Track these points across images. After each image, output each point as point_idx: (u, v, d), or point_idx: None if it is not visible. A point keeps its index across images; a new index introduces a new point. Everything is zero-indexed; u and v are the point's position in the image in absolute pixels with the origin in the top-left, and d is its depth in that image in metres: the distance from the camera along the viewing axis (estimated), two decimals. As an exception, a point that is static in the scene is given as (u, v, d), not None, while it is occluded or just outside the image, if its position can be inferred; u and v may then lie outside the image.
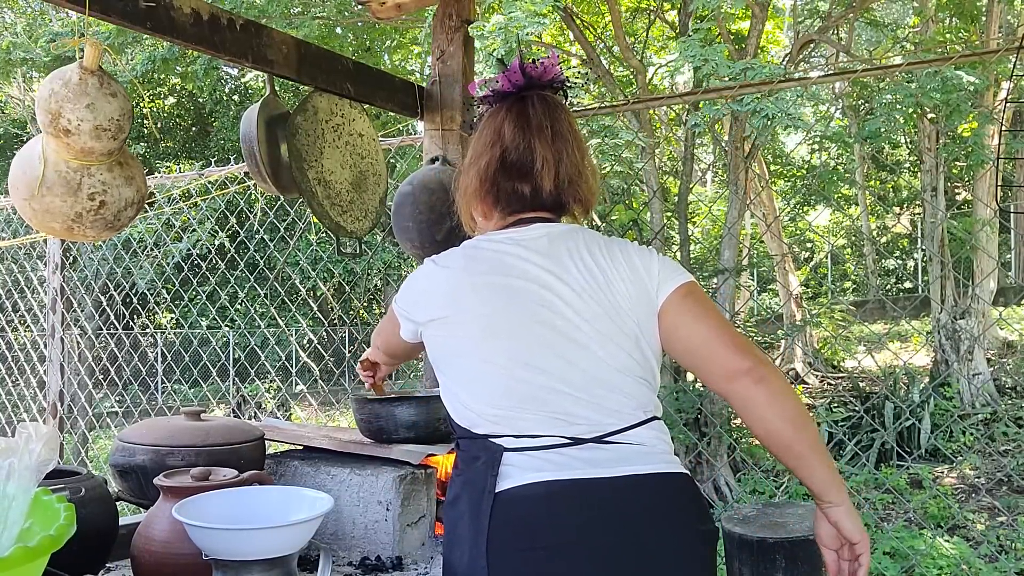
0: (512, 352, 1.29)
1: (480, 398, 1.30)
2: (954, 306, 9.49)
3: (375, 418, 2.08)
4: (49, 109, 1.72)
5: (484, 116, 1.49)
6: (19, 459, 0.94)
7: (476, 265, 1.37)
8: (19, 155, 1.84)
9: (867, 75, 5.05)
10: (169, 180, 5.19)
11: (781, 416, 1.26)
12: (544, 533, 1.19)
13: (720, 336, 1.30)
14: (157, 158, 13.80)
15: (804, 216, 17.25)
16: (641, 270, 1.36)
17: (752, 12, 8.39)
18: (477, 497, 1.25)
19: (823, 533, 1.35)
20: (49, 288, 5.06)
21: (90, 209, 1.81)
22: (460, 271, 1.37)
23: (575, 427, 1.26)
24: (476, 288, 1.34)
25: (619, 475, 1.23)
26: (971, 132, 8.45)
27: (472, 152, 1.49)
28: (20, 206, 1.82)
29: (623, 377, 1.31)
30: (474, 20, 2.72)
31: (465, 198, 1.49)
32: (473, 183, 1.46)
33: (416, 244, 2.52)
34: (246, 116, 2.32)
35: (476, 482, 1.26)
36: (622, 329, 1.32)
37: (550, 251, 1.36)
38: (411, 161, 8.41)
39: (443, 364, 1.37)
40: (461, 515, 1.27)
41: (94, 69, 1.76)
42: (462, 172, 1.51)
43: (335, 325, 12.55)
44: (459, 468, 1.34)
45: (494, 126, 1.44)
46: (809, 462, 1.29)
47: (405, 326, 1.46)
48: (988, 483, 6.82)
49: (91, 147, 1.76)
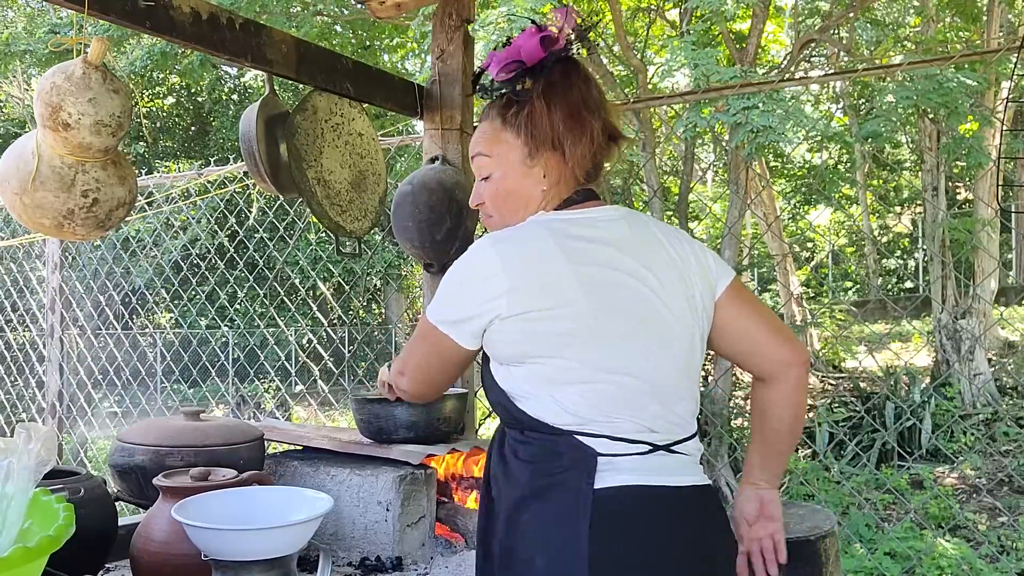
0: (617, 355, 1.26)
1: (577, 397, 1.25)
2: (955, 306, 9.49)
3: (375, 418, 2.07)
4: (50, 102, 1.72)
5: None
6: (17, 459, 0.94)
7: (575, 254, 1.27)
8: (10, 150, 1.83)
9: (867, 75, 5.05)
10: (168, 179, 5.19)
11: (803, 403, 1.42)
12: (642, 537, 1.22)
13: (779, 325, 1.42)
14: (156, 157, 13.80)
15: (805, 216, 17.23)
16: (704, 263, 1.37)
17: (752, 12, 8.38)
18: (571, 495, 1.22)
19: (750, 509, 1.47)
20: (48, 288, 5.05)
21: (82, 206, 1.80)
22: (560, 260, 1.26)
23: (654, 434, 1.28)
24: (580, 280, 1.25)
25: (682, 485, 1.28)
26: (971, 132, 8.45)
27: (591, 102, 1.37)
28: (10, 201, 1.80)
29: (688, 381, 1.33)
30: (474, 20, 2.72)
31: (552, 150, 1.36)
32: (587, 140, 1.35)
33: (416, 244, 2.51)
34: (245, 115, 2.32)
35: (569, 481, 1.23)
36: (696, 326, 1.34)
37: (633, 239, 1.33)
38: (411, 161, 8.40)
39: (525, 358, 1.28)
40: (546, 509, 1.24)
41: (98, 64, 1.76)
42: (551, 111, 1.35)
43: (334, 325, 12.54)
44: (535, 462, 1.28)
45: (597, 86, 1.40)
46: (790, 448, 1.48)
47: (464, 333, 1.31)
48: (989, 483, 6.81)
49: (89, 142, 1.75)
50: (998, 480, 6.88)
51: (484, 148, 1.42)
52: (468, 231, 2.55)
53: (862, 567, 4.58)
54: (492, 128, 1.43)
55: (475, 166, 1.46)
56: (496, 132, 1.42)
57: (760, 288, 17.64)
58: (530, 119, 1.36)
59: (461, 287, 1.30)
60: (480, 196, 1.45)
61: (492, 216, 1.45)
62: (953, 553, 4.83)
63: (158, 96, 14.87)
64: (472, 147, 1.47)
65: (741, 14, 8.78)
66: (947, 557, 4.77)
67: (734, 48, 9.05)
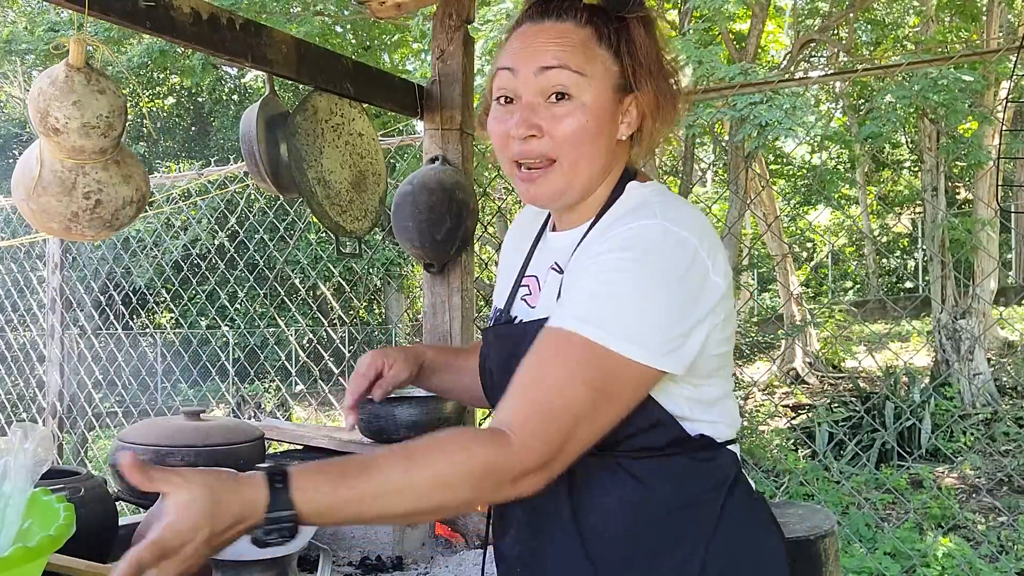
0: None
1: (733, 404, 1.14)
2: (955, 306, 9.49)
3: (375, 418, 2.07)
4: (38, 108, 1.71)
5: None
6: (13, 458, 0.94)
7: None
8: (22, 156, 1.85)
9: (867, 75, 5.05)
10: (169, 180, 5.19)
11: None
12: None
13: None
14: (157, 157, 13.81)
15: (804, 216, 17.23)
16: None
17: (752, 12, 8.39)
18: (763, 505, 1.17)
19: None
20: (49, 288, 5.06)
21: (86, 208, 1.80)
22: (725, 255, 1.05)
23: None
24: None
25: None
26: (971, 132, 8.45)
27: (663, 64, 1.09)
28: (21, 207, 1.82)
29: None
30: (474, 20, 2.72)
31: (639, 95, 1.06)
32: (674, 98, 1.09)
33: (416, 244, 2.52)
34: (245, 116, 2.32)
35: (752, 491, 1.16)
36: None
37: None
38: (411, 161, 8.41)
39: (716, 370, 1.08)
40: (761, 524, 1.14)
41: (80, 66, 1.73)
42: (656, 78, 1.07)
43: (335, 325, 12.55)
44: (736, 479, 1.12)
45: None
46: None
47: (681, 353, 0.99)
48: (989, 483, 6.82)
49: (81, 145, 1.74)
50: (998, 480, 6.88)
51: (573, 59, 1.01)
52: (468, 231, 2.55)
53: (862, 567, 4.59)
54: (579, 35, 1.04)
55: (543, 79, 1.02)
56: (587, 43, 1.04)
57: (760, 288, 17.65)
58: (630, 39, 1.05)
59: (681, 292, 0.98)
60: (536, 126, 1.02)
61: (555, 162, 1.04)
62: (953, 553, 4.84)
63: (158, 96, 14.87)
64: (537, 52, 1.02)
65: (741, 14, 8.80)
66: (947, 557, 4.77)
67: (734, 48, 9.05)
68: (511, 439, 0.92)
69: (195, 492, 0.84)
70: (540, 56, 1.02)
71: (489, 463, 0.91)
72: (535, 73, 1.02)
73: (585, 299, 0.97)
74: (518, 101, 1.04)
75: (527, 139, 1.03)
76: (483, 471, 0.91)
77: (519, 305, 1.21)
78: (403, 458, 0.92)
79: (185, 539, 0.83)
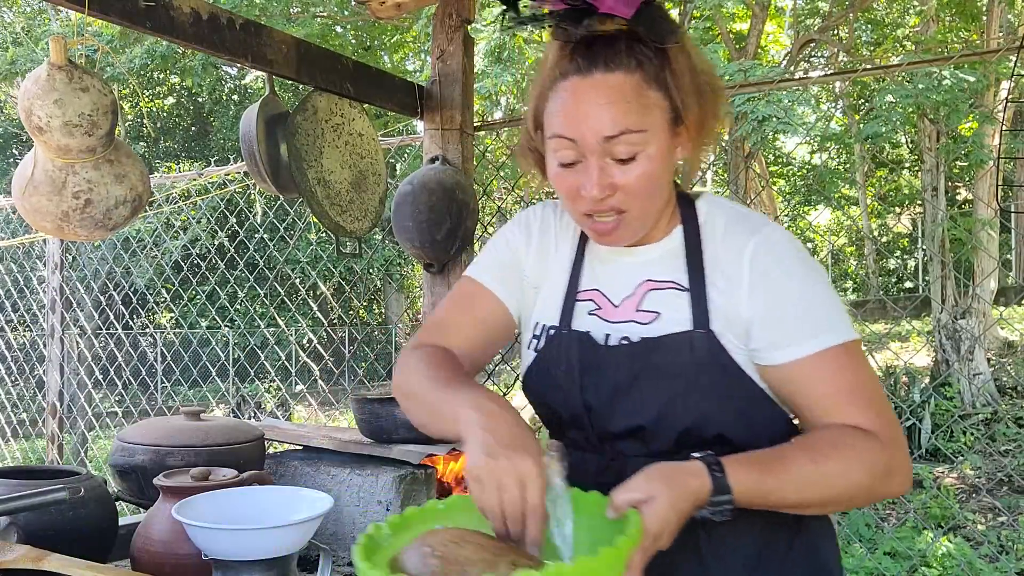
0: None
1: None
2: (955, 306, 9.48)
3: (375, 418, 2.07)
4: (23, 107, 1.71)
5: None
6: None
7: None
8: (25, 156, 1.85)
9: (867, 75, 5.05)
10: (168, 180, 5.19)
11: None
12: None
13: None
14: (157, 158, 13.81)
15: (804, 216, 17.23)
16: None
17: (752, 12, 8.39)
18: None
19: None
20: (48, 288, 5.05)
21: (75, 208, 1.79)
22: None
23: None
24: None
25: None
26: (971, 132, 8.45)
27: (701, 72, 1.08)
28: (17, 205, 1.82)
29: None
30: (474, 20, 2.72)
31: (683, 117, 1.07)
32: (716, 107, 1.10)
33: (416, 244, 2.52)
34: (246, 116, 2.32)
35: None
36: None
37: None
38: (411, 161, 8.40)
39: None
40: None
41: (61, 64, 1.71)
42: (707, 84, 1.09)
43: (335, 325, 12.55)
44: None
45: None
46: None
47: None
48: (989, 483, 6.81)
49: (66, 144, 1.72)
50: (998, 480, 6.88)
51: (633, 120, 1.01)
52: (468, 231, 2.55)
53: (862, 567, 4.58)
54: (631, 85, 1.01)
55: (607, 147, 1.02)
56: (640, 91, 1.02)
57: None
58: (672, 70, 1.04)
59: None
60: (611, 187, 1.04)
61: (625, 212, 1.06)
62: (953, 553, 4.83)
63: (158, 96, 14.87)
64: (595, 119, 1.01)
65: (741, 14, 8.80)
66: (947, 557, 4.77)
67: (733, 48, 9.05)
68: (879, 436, 1.03)
69: (662, 502, 0.93)
70: (599, 124, 1.01)
71: (875, 457, 1.02)
72: (599, 143, 1.02)
73: (820, 315, 1.07)
74: (583, 161, 1.05)
75: (604, 199, 1.05)
76: (872, 462, 1.01)
77: (589, 320, 1.16)
78: (804, 452, 1.01)
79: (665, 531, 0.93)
